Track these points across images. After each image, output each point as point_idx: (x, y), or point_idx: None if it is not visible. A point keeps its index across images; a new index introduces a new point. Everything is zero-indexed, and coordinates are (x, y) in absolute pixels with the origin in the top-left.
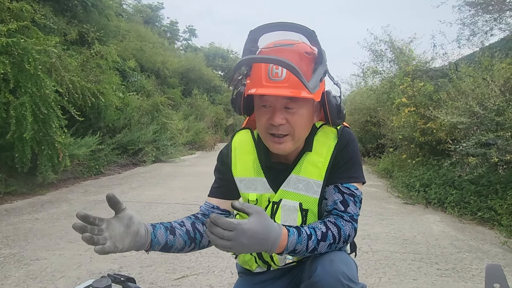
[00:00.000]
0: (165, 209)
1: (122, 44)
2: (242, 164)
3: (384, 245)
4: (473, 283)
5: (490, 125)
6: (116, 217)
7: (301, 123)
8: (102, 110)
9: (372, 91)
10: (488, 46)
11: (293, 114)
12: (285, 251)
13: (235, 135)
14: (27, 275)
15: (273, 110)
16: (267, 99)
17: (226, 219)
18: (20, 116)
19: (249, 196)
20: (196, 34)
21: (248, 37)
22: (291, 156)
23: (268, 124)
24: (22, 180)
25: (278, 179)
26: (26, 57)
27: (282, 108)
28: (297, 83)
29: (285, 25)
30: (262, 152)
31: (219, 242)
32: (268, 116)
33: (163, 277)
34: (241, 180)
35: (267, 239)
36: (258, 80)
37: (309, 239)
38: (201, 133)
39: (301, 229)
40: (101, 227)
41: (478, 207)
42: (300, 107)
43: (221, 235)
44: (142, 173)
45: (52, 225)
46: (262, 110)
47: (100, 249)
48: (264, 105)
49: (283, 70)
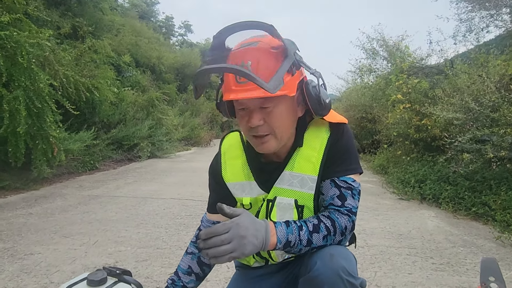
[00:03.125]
0: (160, 204)
1: (117, 38)
2: (232, 169)
3: (380, 240)
4: (467, 277)
5: (485, 121)
6: None
7: (280, 121)
8: (97, 105)
9: (367, 88)
10: (484, 43)
11: (270, 113)
12: (279, 243)
13: (224, 139)
14: (21, 269)
15: (250, 113)
16: (242, 102)
17: (217, 225)
18: (14, 110)
19: (243, 200)
20: (191, 29)
21: (212, 42)
22: (282, 153)
23: (247, 126)
24: (15, 175)
25: (272, 178)
26: (19, 50)
27: (258, 108)
28: (268, 79)
29: (245, 24)
30: (251, 154)
31: (220, 250)
32: (246, 118)
33: (159, 271)
34: (233, 185)
35: (259, 229)
36: (228, 86)
37: (299, 229)
38: (196, 129)
39: (289, 221)
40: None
41: (472, 203)
42: (275, 105)
43: (219, 241)
44: (137, 169)
45: (46, 220)
46: (240, 114)
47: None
48: (241, 108)
49: (248, 70)
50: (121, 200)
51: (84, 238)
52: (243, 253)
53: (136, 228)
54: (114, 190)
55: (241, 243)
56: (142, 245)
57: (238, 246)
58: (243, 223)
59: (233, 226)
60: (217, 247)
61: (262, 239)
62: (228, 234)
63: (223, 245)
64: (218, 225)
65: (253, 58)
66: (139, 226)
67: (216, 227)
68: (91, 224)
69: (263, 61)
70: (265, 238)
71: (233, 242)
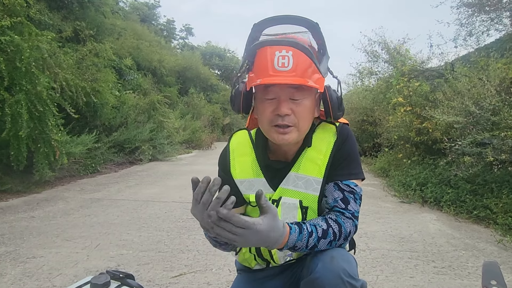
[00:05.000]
0: (162, 208)
1: (119, 42)
2: (241, 165)
3: (381, 243)
4: (469, 281)
5: (485, 124)
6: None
7: (306, 114)
8: (98, 108)
9: (368, 91)
10: (484, 47)
11: (298, 105)
12: (285, 248)
13: (232, 137)
14: (23, 273)
15: (279, 101)
16: (272, 91)
17: (241, 218)
18: (16, 114)
19: (250, 197)
20: (193, 32)
21: (252, 30)
22: (290, 154)
23: (273, 115)
24: (17, 178)
25: (277, 178)
26: (18, 54)
27: (288, 99)
28: (303, 73)
29: (289, 17)
30: (260, 151)
31: (225, 234)
32: (273, 107)
33: (161, 275)
34: (241, 182)
35: (272, 236)
36: (264, 71)
37: (309, 236)
38: (197, 132)
39: (303, 226)
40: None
41: (473, 206)
42: (305, 97)
43: (229, 229)
44: (138, 172)
45: (48, 223)
46: (266, 103)
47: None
48: (268, 97)
49: (289, 60)
50: (122, 203)
51: (86, 241)
52: (241, 246)
53: (137, 232)
54: (115, 193)
55: (244, 242)
56: (144, 249)
57: (242, 242)
58: (261, 232)
59: (253, 229)
60: (225, 231)
61: (272, 243)
62: (241, 231)
63: (231, 234)
64: (241, 219)
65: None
66: (140, 229)
67: (238, 219)
68: (93, 228)
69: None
70: (275, 243)
71: (239, 237)
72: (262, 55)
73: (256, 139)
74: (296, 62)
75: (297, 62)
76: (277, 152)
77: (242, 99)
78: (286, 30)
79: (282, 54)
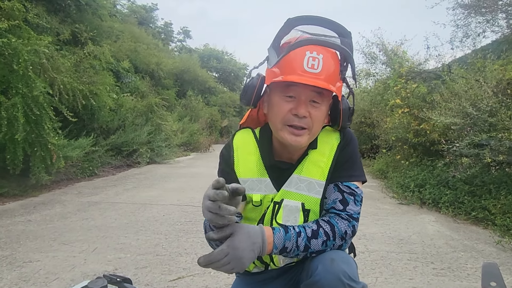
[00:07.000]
0: (160, 210)
1: (116, 44)
2: (245, 164)
3: (380, 245)
4: (468, 282)
5: (483, 126)
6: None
7: (320, 119)
8: (96, 111)
9: (366, 93)
10: (480, 48)
11: (317, 109)
12: (274, 249)
13: (235, 134)
14: (20, 277)
15: (298, 102)
16: (294, 90)
17: (215, 252)
18: (12, 117)
19: (253, 197)
20: (190, 35)
21: (284, 24)
22: (296, 156)
23: (289, 115)
24: (14, 182)
25: (281, 179)
26: (15, 57)
27: (308, 101)
28: (329, 78)
29: (325, 20)
30: (265, 151)
31: (221, 269)
32: (292, 107)
33: (159, 279)
34: (244, 181)
35: (255, 242)
36: (293, 69)
37: (298, 236)
38: (195, 134)
39: (288, 227)
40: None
41: (472, 207)
42: (323, 103)
43: (220, 265)
44: (136, 175)
45: (45, 227)
46: (284, 101)
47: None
48: (288, 95)
49: (319, 62)
50: (120, 207)
51: (83, 245)
52: (243, 268)
53: (135, 235)
54: (113, 197)
55: (240, 262)
56: (141, 252)
57: (237, 265)
58: (239, 245)
59: (230, 251)
60: (218, 268)
61: (259, 249)
62: (227, 258)
63: (224, 266)
64: (216, 252)
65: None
66: (138, 232)
67: (215, 255)
68: (90, 231)
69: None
70: (262, 247)
71: (232, 263)
72: (292, 52)
73: (260, 138)
74: (325, 65)
75: (326, 66)
76: (282, 153)
77: (256, 92)
78: (317, 31)
79: (313, 55)
